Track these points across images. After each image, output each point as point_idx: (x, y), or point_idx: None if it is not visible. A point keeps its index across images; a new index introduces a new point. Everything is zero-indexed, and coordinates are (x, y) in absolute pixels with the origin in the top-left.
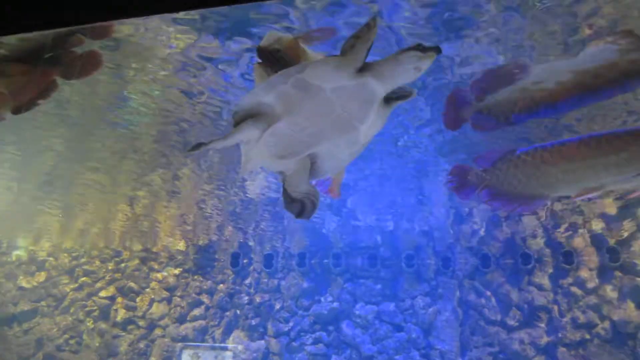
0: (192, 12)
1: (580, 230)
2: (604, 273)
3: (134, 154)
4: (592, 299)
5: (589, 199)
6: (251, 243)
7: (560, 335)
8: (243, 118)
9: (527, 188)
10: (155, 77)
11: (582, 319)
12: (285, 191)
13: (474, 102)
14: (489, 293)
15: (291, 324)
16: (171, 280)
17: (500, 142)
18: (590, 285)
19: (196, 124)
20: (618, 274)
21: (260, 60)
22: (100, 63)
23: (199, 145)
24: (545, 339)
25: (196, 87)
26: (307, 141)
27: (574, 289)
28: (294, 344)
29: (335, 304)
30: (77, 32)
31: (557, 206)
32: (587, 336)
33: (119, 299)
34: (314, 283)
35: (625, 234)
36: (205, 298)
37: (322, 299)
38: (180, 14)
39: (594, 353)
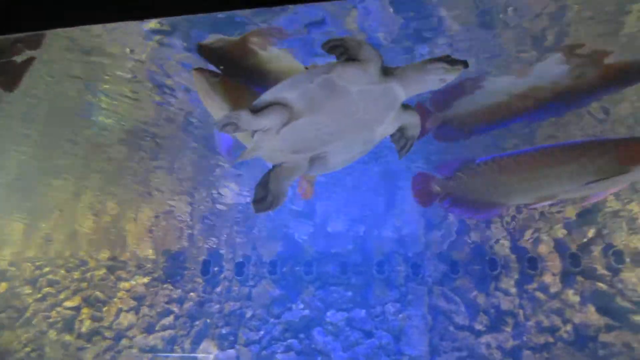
0: (162, 19)
1: (544, 237)
2: (566, 278)
3: (102, 160)
4: (556, 304)
5: (551, 206)
6: (222, 251)
7: (525, 339)
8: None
9: (485, 196)
10: (124, 83)
11: (546, 322)
12: (263, 182)
13: (435, 114)
14: (457, 299)
15: (262, 332)
16: (139, 289)
17: (475, 150)
18: (554, 289)
19: (165, 128)
20: (579, 278)
21: (199, 67)
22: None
23: (227, 125)
24: (511, 343)
25: (166, 92)
26: (324, 139)
27: (538, 293)
28: (264, 352)
29: (307, 312)
30: (16, 42)
31: (523, 213)
32: (551, 339)
33: (85, 310)
34: (285, 291)
35: (586, 240)
36: (174, 307)
37: (294, 306)
38: (151, 21)
39: (557, 356)
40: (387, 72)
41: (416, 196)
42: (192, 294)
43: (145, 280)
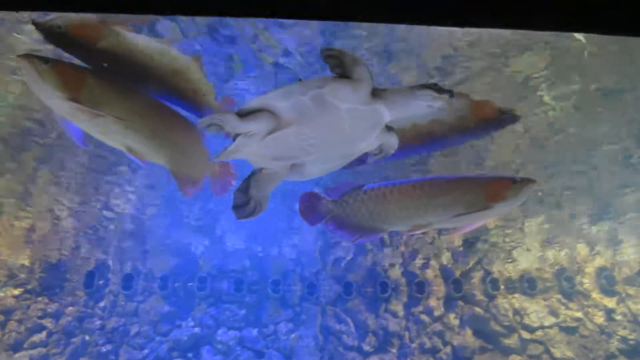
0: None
1: (432, 262)
2: (448, 302)
3: None
4: (438, 326)
5: (440, 234)
6: (109, 262)
7: (408, 359)
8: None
9: (368, 221)
10: (8, 77)
11: (428, 344)
12: (243, 187)
13: None
14: (349, 319)
15: (146, 350)
16: (9, 301)
17: (367, 178)
18: (437, 313)
19: (53, 128)
20: (460, 303)
21: (26, 53)
22: None
23: (210, 125)
24: None
25: None
26: (307, 150)
27: (423, 316)
28: None
29: (197, 329)
30: None
31: (416, 239)
32: None
33: None
34: (175, 307)
35: (468, 267)
36: (48, 322)
37: (183, 323)
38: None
39: None
40: (375, 93)
41: (302, 214)
42: (70, 308)
43: (17, 292)
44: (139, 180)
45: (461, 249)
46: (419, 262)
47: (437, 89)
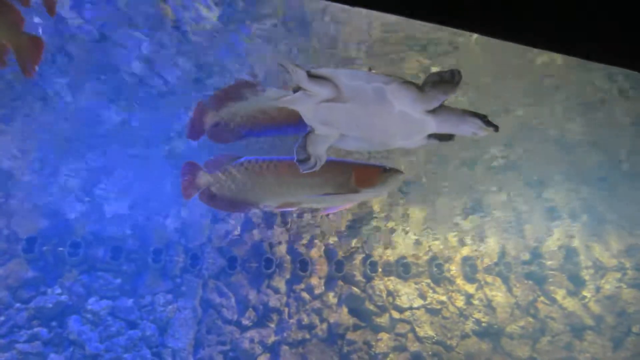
0: None
1: (318, 243)
2: (329, 281)
3: None
4: (317, 304)
5: (328, 215)
6: None
7: (285, 335)
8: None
9: (241, 194)
10: None
11: (306, 320)
12: (302, 144)
13: (212, 111)
14: (230, 294)
15: (2, 318)
16: None
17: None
18: (318, 291)
19: None
20: (340, 283)
21: None
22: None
23: (285, 70)
24: (272, 338)
25: None
26: (351, 127)
27: (304, 294)
28: (1, 341)
29: (64, 297)
30: None
31: (305, 219)
32: (307, 336)
33: None
34: (41, 273)
35: (351, 249)
36: None
37: (49, 291)
38: None
39: (310, 351)
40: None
41: (182, 185)
42: None
43: None
44: (11, 133)
45: (345, 230)
46: (305, 241)
47: (486, 121)
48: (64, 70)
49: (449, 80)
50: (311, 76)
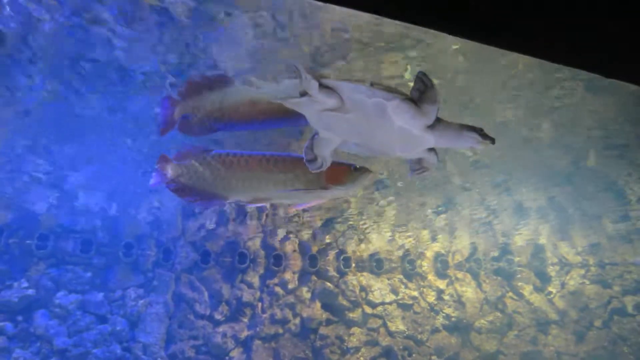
0: None
1: (292, 238)
2: (303, 276)
3: None
4: (290, 299)
5: (304, 212)
6: None
7: (258, 329)
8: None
9: (210, 187)
10: None
11: (279, 315)
12: (310, 146)
13: (183, 102)
14: (203, 288)
15: None
16: None
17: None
18: (291, 286)
19: None
20: (314, 278)
21: None
22: None
23: (297, 74)
24: (245, 333)
25: None
26: (352, 136)
27: (277, 288)
28: None
29: (31, 291)
30: None
31: (280, 214)
32: (280, 330)
33: None
34: (7, 266)
35: (325, 244)
36: None
37: (15, 284)
38: None
39: (282, 345)
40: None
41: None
42: None
43: None
44: None
45: (320, 227)
46: (279, 236)
47: (483, 134)
48: (34, 59)
49: (424, 87)
50: (320, 85)
